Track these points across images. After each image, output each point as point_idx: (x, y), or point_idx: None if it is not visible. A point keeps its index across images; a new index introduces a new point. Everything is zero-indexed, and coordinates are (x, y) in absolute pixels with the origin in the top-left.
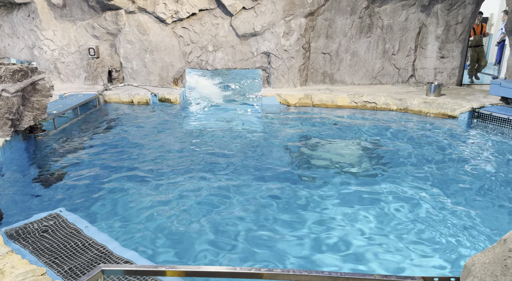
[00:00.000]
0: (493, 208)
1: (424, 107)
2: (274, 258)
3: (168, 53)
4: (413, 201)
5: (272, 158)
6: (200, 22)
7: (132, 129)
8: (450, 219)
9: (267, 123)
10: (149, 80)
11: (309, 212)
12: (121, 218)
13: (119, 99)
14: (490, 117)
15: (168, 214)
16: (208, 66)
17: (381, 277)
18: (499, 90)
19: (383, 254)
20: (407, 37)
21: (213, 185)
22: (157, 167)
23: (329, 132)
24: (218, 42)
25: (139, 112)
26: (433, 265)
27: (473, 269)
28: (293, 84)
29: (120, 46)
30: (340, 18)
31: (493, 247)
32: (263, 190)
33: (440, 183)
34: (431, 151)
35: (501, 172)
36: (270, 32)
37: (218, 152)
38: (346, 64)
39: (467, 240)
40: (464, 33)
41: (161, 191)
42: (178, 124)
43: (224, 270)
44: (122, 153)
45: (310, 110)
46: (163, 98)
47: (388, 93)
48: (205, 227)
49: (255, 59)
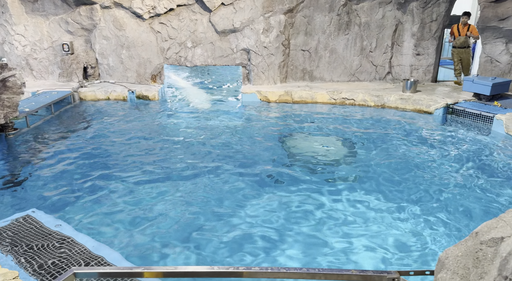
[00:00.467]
0: (467, 201)
1: (401, 103)
2: (256, 255)
3: (145, 49)
4: (388, 196)
5: (252, 155)
6: (178, 17)
7: (109, 127)
8: (425, 213)
9: (247, 120)
10: (126, 77)
11: (287, 208)
12: (96, 217)
13: (95, 96)
14: (463, 113)
15: (145, 212)
16: (187, 63)
17: (358, 272)
18: (472, 87)
19: (359, 249)
20: (384, 35)
21: (191, 182)
22: (134, 165)
23: (309, 129)
24: (197, 38)
25: (116, 110)
26: (408, 259)
27: (446, 262)
28: (273, 81)
29: (96, 42)
30: (318, 15)
31: (466, 240)
32: (242, 186)
33: (415, 178)
34: (406, 146)
35: (473, 166)
36: (249, 29)
37: (197, 150)
38: (325, 61)
39: (441, 234)
40: (438, 31)
41: (138, 190)
42: (156, 122)
43: (202, 270)
44: (98, 151)
45: (290, 107)
46: (141, 95)
47: (366, 90)
48: (182, 225)
49: (235, 56)
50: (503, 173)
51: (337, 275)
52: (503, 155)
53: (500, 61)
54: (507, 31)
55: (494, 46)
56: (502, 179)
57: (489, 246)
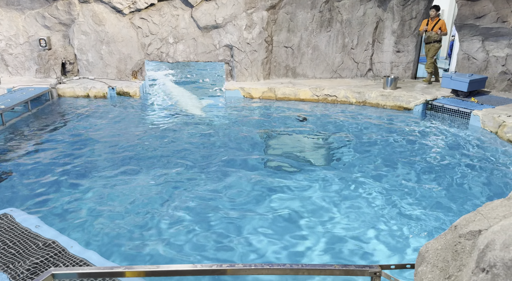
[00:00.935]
0: (445, 194)
1: (381, 100)
2: (239, 252)
3: (126, 44)
4: (368, 190)
5: (236, 151)
6: (160, 13)
7: (88, 125)
8: (404, 207)
9: (231, 117)
10: (106, 73)
11: (268, 203)
12: (75, 216)
13: (74, 93)
14: (442, 109)
15: (125, 211)
16: (169, 59)
17: (340, 267)
18: (450, 83)
19: (342, 244)
20: (365, 32)
21: (172, 180)
22: (114, 164)
23: (292, 125)
24: (178, 34)
25: (96, 107)
26: (390, 253)
27: (426, 255)
28: (257, 78)
29: (74, 37)
30: (301, 12)
31: (445, 233)
32: (224, 183)
33: (396, 172)
34: (386, 142)
35: (451, 160)
36: (232, 25)
37: (180, 147)
38: (308, 58)
39: (421, 227)
40: (418, 28)
41: (117, 188)
42: (137, 119)
43: (185, 268)
44: (77, 149)
45: (274, 104)
46: (121, 92)
47: (348, 86)
48: (164, 222)
49: (218, 52)
50: (480, 167)
51: (320, 271)
52: (480, 150)
53: (477, 59)
54: (483, 29)
55: (471, 44)
56: (479, 173)
57: (468, 239)
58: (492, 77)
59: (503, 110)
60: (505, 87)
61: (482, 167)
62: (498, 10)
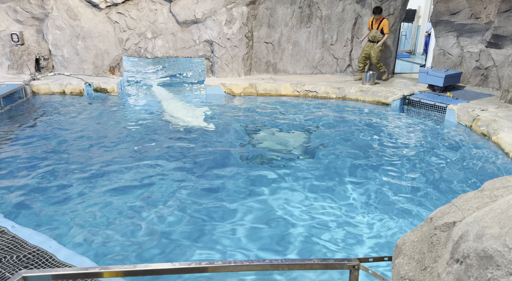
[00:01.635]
0: (421, 187)
1: (361, 95)
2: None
3: (102, 40)
4: (348, 183)
5: (217, 148)
6: (137, 7)
7: (64, 122)
8: (382, 200)
9: (212, 113)
10: (83, 69)
11: (250, 199)
12: (50, 216)
13: (49, 89)
14: (419, 104)
15: (101, 211)
16: (147, 54)
17: (319, 261)
18: (427, 78)
19: (320, 238)
20: (344, 28)
21: (150, 180)
22: (90, 163)
23: (274, 121)
24: (157, 29)
25: (72, 104)
26: (368, 246)
27: (403, 247)
28: (238, 74)
29: (48, 32)
30: (281, 7)
31: (421, 225)
32: (206, 180)
33: (373, 165)
34: (365, 136)
35: (428, 154)
36: (212, 20)
37: (160, 145)
38: (288, 54)
39: (398, 220)
40: (395, 24)
41: (94, 188)
42: (116, 116)
43: (163, 267)
44: (52, 148)
45: (255, 100)
46: (98, 88)
47: (328, 82)
48: (142, 222)
49: (198, 48)
50: (455, 160)
51: (299, 265)
52: (455, 143)
53: (452, 54)
54: (458, 25)
55: (446, 40)
56: (454, 166)
57: (443, 230)
58: (467, 73)
59: (477, 104)
60: (479, 82)
61: (457, 159)
62: (472, 7)
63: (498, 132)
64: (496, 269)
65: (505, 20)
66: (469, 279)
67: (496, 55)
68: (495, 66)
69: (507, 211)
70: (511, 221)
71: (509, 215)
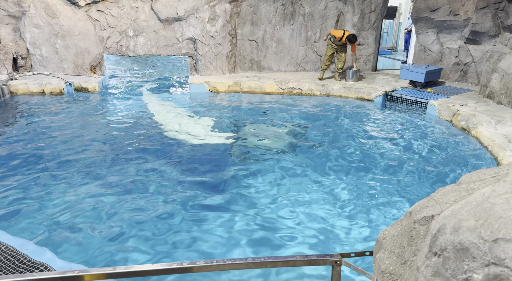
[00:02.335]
0: (402, 180)
1: (344, 92)
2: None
3: (82, 38)
4: (329, 178)
5: (202, 147)
6: (118, 5)
7: (44, 123)
8: (364, 195)
9: (196, 112)
10: (63, 68)
11: (233, 196)
12: (28, 219)
13: (28, 89)
14: (401, 99)
15: (82, 213)
16: (129, 52)
17: (302, 257)
18: (408, 75)
19: (302, 235)
20: (327, 25)
21: (131, 180)
22: (70, 165)
23: (259, 118)
24: (139, 26)
25: (52, 104)
26: (349, 241)
27: (384, 242)
28: (222, 72)
29: (26, 31)
30: (264, 5)
31: (401, 220)
32: (189, 177)
33: (354, 161)
34: (348, 132)
35: (409, 148)
36: (194, 17)
37: (143, 145)
38: (272, 51)
39: (379, 214)
40: (377, 21)
41: (70, 187)
42: (97, 116)
43: (144, 268)
44: (31, 148)
45: (240, 97)
46: (79, 87)
47: (312, 79)
48: (123, 222)
49: (181, 45)
50: (435, 154)
51: (282, 262)
52: (435, 138)
53: (432, 50)
54: (437, 22)
55: (426, 36)
56: (434, 160)
57: (422, 224)
58: (447, 68)
59: (457, 99)
60: (458, 78)
61: (438, 154)
62: (451, 4)
63: (477, 127)
64: (472, 261)
65: (483, 16)
66: (447, 272)
67: (474, 51)
68: (473, 62)
69: (482, 203)
70: (486, 213)
71: (484, 207)
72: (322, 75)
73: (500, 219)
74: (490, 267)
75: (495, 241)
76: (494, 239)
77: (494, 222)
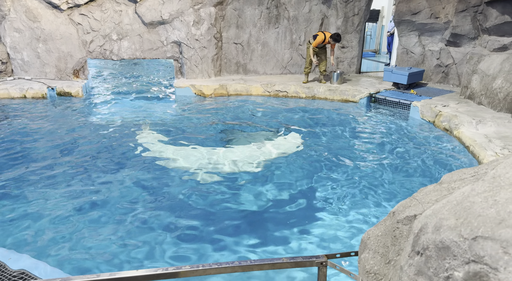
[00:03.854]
0: (385, 181)
1: (329, 94)
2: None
3: (65, 42)
4: (316, 180)
5: (184, 150)
6: (101, 8)
7: (25, 128)
8: (348, 195)
9: (182, 116)
10: (45, 73)
11: (221, 200)
12: (8, 226)
13: (8, 94)
14: (384, 101)
15: (66, 222)
16: (113, 56)
17: (288, 259)
18: (391, 77)
19: (288, 236)
20: (312, 28)
21: (117, 188)
22: (52, 171)
23: (245, 121)
24: (122, 30)
25: (34, 109)
26: (335, 242)
27: (368, 242)
28: (208, 75)
29: (6, 35)
30: (248, 8)
31: (384, 220)
32: (178, 185)
33: (339, 162)
34: (332, 133)
35: (392, 149)
36: (179, 21)
37: (128, 149)
38: (258, 54)
39: (365, 215)
40: (360, 24)
41: (56, 197)
42: (81, 120)
43: (128, 275)
44: (11, 155)
45: (226, 100)
46: (62, 92)
47: (298, 82)
48: (105, 228)
49: (166, 49)
50: (419, 154)
51: (269, 265)
52: (418, 138)
53: (415, 53)
54: (419, 25)
55: (408, 39)
56: (417, 160)
57: (405, 224)
58: (429, 70)
59: (439, 101)
60: (440, 79)
61: (421, 154)
62: (431, 7)
63: (459, 127)
64: (453, 259)
65: (462, 19)
66: (429, 270)
67: (455, 53)
68: (454, 63)
69: (462, 202)
70: (466, 212)
71: (464, 206)
72: (307, 78)
73: (479, 217)
74: (470, 264)
75: (474, 239)
76: (473, 237)
77: (473, 220)
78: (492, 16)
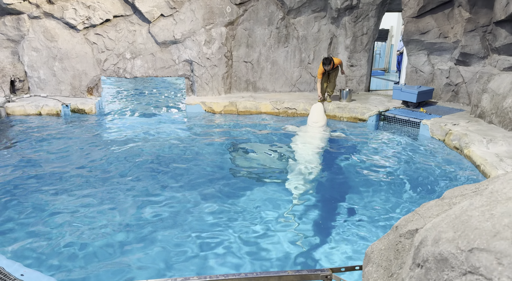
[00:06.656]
0: (393, 196)
1: (338, 112)
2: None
3: (80, 61)
4: (323, 196)
5: (199, 168)
6: (116, 28)
7: (40, 144)
8: (355, 211)
9: (193, 132)
10: (60, 90)
11: (229, 213)
12: (26, 244)
13: (25, 111)
14: (394, 119)
15: (79, 238)
16: (126, 74)
17: (293, 272)
18: (400, 95)
19: (293, 251)
20: (321, 47)
21: (131, 203)
22: (69, 186)
23: (254, 138)
24: (136, 49)
25: (49, 125)
26: (340, 256)
27: (372, 256)
28: (218, 92)
29: (24, 54)
30: (258, 28)
31: (388, 234)
32: (189, 201)
33: (349, 179)
34: (344, 150)
35: (402, 167)
36: (191, 40)
37: (141, 166)
38: (267, 72)
39: (371, 230)
40: (369, 44)
41: (74, 212)
42: (93, 138)
43: None
44: (27, 170)
45: (236, 118)
46: (76, 109)
47: (307, 99)
48: (116, 239)
49: (177, 67)
50: (428, 172)
51: (275, 278)
52: (429, 157)
53: (424, 71)
54: (427, 44)
55: (417, 58)
56: (428, 178)
57: (407, 238)
58: (438, 89)
59: (449, 119)
60: (450, 98)
61: (430, 173)
62: (440, 27)
63: (469, 146)
64: (451, 270)
65: (471, 39)
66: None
67: (464, 72)
68: (464, 82)
69: (460, 216)
70: (464, 225)
71: (462, 220)
72: (323, 97)
73: (475, 230)
74: (467, 275)
75: (470, 250)
76: (470, 249)
77: (470, 233)
78: (502, 36)
